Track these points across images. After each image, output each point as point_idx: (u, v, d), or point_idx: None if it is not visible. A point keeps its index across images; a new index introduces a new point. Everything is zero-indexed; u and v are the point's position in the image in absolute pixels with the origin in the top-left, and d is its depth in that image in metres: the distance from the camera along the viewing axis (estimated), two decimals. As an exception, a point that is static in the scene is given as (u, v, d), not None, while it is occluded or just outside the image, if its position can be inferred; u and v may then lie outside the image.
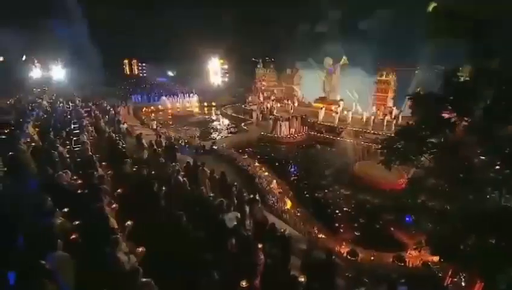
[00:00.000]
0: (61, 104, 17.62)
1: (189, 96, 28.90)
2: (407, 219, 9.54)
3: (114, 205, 4.90)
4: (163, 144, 11.46)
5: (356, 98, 23.28)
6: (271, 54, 36.90)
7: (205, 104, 31.41)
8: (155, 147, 10.03)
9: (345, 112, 21.37)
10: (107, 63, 37.87)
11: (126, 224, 4.62)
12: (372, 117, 19.27)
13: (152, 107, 28.08)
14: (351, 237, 8.44)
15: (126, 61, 53.29)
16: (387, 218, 9.50)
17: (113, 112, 16.23)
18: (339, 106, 22.57)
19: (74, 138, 10.13)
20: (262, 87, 33.24)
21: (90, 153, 7.37)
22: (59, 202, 4.70)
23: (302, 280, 3.94)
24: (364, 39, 24.11)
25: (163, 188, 6.30)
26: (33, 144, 8.48)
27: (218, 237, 5.16)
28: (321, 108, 22.19)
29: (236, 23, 42.27)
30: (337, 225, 9.05)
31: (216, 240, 5.10)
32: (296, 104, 26.19)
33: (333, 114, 20.75)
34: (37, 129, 10.46)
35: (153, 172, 7.65)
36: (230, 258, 4.44)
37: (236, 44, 42.72)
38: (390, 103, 22.35)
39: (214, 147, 14.14)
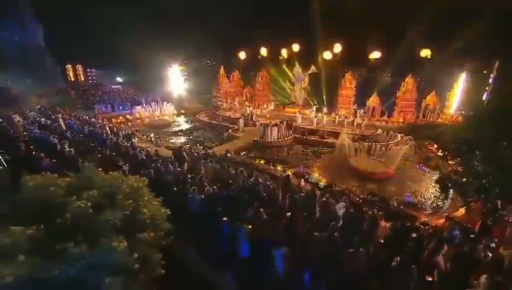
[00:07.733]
0: (39, 120, 15.69)
1: (162, 104, 28.01)
2: (407, 199, 12.52)
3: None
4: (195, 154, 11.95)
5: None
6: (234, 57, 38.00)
7: (175, 112, 30.81)
8: (206, 158, 10.56)
9: (319, 115, 24.44)
10: (47, 68, 33.26)
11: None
12: (345, 119, 22.65)
13: (121, 118, 26.35)
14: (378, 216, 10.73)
15: (69, 66, 46.79)
16: (395, 199, 12.25)
17: (110, 124, 15.32)
18: (313, 110, 25.54)
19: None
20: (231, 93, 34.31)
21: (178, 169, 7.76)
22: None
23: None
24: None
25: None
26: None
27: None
28: (298, 112, 24.76)
29: (194, 26, 42.08)
30: (364, 209, 11.25)
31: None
32: (271, 109, 28.27)
33: (311, 118, 23.48)
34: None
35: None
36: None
37: (195, 48, 42.52)
38: (353, 106, 26.38)
39: (229, 155, 14.97)
